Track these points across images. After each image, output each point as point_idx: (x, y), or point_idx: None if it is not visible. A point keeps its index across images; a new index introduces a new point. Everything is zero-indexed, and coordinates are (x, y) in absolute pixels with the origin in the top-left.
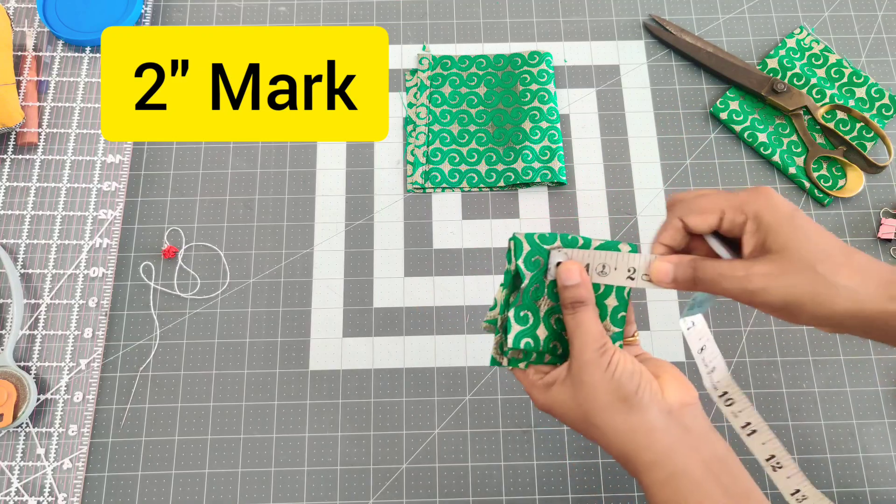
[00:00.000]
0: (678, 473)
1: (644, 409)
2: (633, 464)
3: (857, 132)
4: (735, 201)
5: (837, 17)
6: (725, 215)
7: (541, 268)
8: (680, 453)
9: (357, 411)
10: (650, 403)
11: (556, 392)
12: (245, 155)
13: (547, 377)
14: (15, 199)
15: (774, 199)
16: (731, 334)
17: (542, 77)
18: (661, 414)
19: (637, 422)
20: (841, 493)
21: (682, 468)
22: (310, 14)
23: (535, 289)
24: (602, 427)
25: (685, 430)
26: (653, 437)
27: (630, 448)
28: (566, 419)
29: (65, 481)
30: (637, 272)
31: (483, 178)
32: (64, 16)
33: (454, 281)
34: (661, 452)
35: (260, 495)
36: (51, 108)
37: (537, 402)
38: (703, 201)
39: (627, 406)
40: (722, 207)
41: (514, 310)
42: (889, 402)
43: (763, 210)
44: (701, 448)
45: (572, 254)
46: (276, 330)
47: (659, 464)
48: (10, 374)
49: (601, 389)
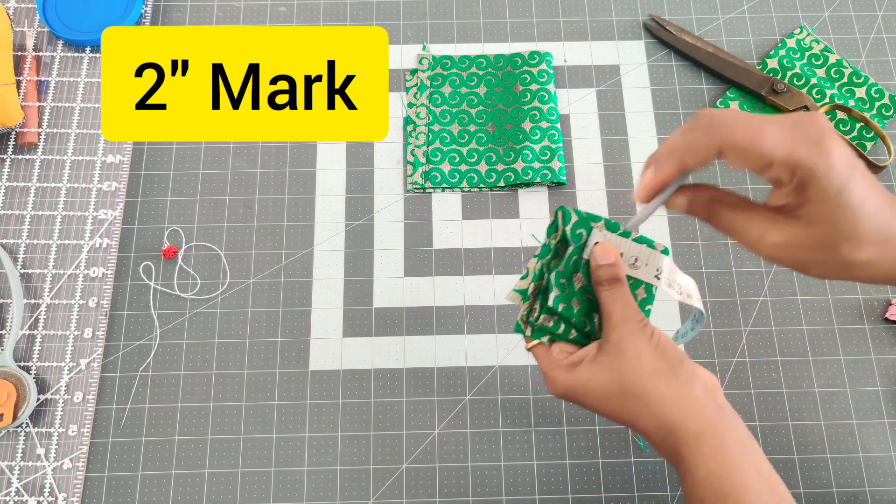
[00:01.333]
0: (722, 447)
1: (689, 380)
2: (676, 435)
3: (857, 132)
4: (794, 154)
5: (837, 17)
6: (773, 167)
7: (582, 242)
8: (720, 429)
9: (357, 411)
10: (693, 375)
11: (584, 370)
12: (245, 155)
13: (573, 356)
14: (15, 199)
15: (834, 161)
16: (731, 334)
17: (542, 77)
18: (702, 388)
19: (685, 391)
20: (841, 493)
21: (724, 443)
22: (310, 14)
23: (575, 260)
24: (646, 396)
25: (720, 408)
26: (699, 408)
27: (677, 417)
28: (592, 398)
29: (65, 481)
30: (661, 274)
31: (483, 178)
32: (64, 16)
33: (454, 281)
34: (707, 424)
35: (260, 495)
36: (51, 108)
37: (557, 384)
38: (760, 142)
39: (674, 374)
40: (774, 158)
41: (556, 274)
42: (889, 402)
43: (817, 175)
44: (735, 427)
45: (611, 237)
46: (276, 330)
47: (705, 436)
48: (10, 374)
49: (647, 357)
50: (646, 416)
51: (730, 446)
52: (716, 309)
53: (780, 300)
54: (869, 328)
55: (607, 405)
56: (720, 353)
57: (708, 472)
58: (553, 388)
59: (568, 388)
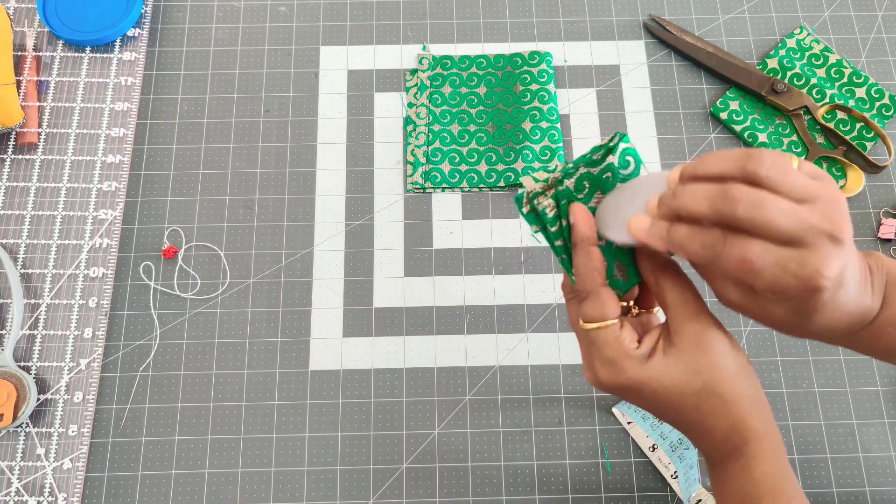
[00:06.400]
0: (779, 448)
1: (757, 380)
2: (743, 434)
3: (857, 132)
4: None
5: (837, 17)
6: None
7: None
8: (777, 430)
9: (357, 411)
10: (756, 376)
11: (659, 363)
12: (245, 155)
13: (643, 346)
14: (15, 199)
15: None
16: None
17: (542, 77)
18: (761, 388)
19: (757, 390)
20: (841, 493)
21: (780, 444)
22: (310, 14)
23: (607, 177)
24: (726, 395)
25: None
26: (765, 408)
27: (748, 416)
28: (662, 394)
29: (65, 481)
30: None
31: (483, 178)
32: (64, 16)
33: (454, 281)
34: (769, 424)
35: (260, 495)
36: (51, 108)
37: (624, 375)
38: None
39: (747, 373)
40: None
41: (582, 174)
42: (889, 402)
43: None
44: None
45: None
46: (276, 330)
47: (769, 435)
48: (10, 374)
49: (729, 356)
50: (719, 416)
51: (782, 448)
52: (716, 309)
53: None
54: None
55: (679, 403)
56: None
57: (764, 471)
58: (613, 380)
59: (636, 383)
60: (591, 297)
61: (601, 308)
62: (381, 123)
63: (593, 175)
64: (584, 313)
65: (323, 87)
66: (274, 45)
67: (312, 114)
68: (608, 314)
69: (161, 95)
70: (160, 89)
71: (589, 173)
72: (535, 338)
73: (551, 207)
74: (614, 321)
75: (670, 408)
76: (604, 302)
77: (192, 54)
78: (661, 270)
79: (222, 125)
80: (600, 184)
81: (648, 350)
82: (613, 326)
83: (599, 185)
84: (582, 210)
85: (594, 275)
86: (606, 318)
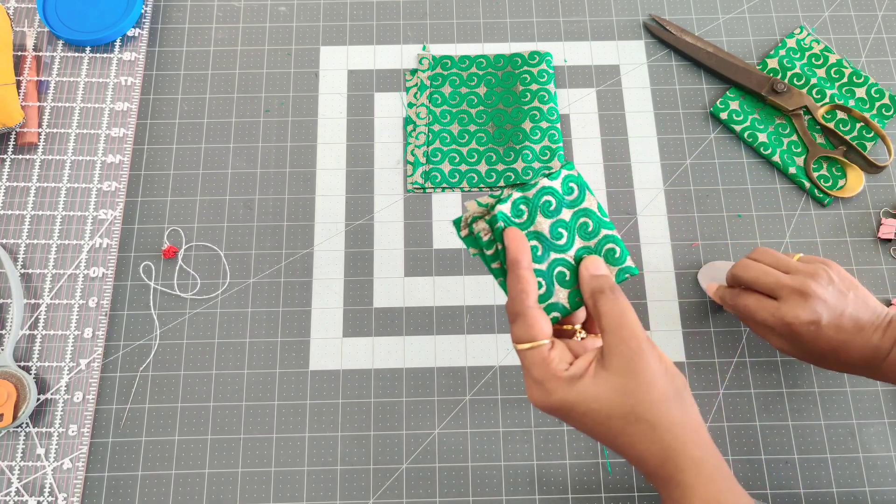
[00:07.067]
0: (718, 467)
1: (692, 405)
2: (676, 460)
3: (857, 132)
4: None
5: (837, 17)
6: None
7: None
8: (717, 453)
9: (357, 411)
10: (692, 400)
11: (588, 385)
12: (245, 155)
13: (573, 368)
14: (15, 199)
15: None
16: (731, 334)
17: (542, 77)
18: (698, 412)
19: (691, 416)
20: (841, 493)
21: (721, 467)
22: (310, 14)
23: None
24: (654, 420)
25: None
26: (702, 433)
27: (679, 443)
28: (591, 417)
29: (65, 481)
30: None
31: (483, 178)
32: (64, 16)
33: (454, 281)
34: (705, 448)
35: (260, 495)
36: (51, 108)
37: (552, 397)
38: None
39: (680, 400)
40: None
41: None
42: (889, 402)
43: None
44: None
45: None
46: (276, 330)
47: (705, 460)
48: (10, 374)
49: (660, 381)
50: (648, 442)
51: (723, 467)
52: (716, 309)
53: None
54: None
55: (607, 427)
56: (720, 353)
57: (704, 498)
58: (544, 401)
59: (564, 404)
60: (519, 318)
61: (529, 329)
62: (381, 123)
63: (528, 199)
64: (514, 333)
65: (323, 87)
66: (274, 45)
67: (312, 114)
68: (536, 335)
69: (161, 95)
70: (160, 89)
71: (524, 198)
72: None
73: (486, 231)
74: (544, 342)
75: (601, 431)
76: (531, 324)
77: (192, 54)
78: (600, 293)
79: (222, 125)
80: (541, 208)
81: (580, 372)
82: (542, 348)
83: (540, 209)
84: (515, 234)
85: (523, 297)
86: (535, 339)
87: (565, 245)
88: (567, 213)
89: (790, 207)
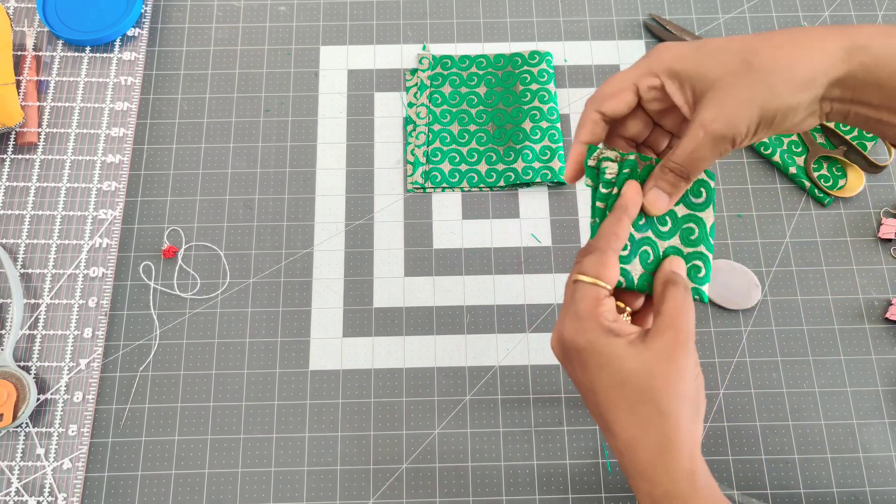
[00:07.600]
0: (711, 488)
1: (701, 423)
2: (667, 466)
3: (857, 132)
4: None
5: (837, 17)
6: (640, 86)
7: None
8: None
9: (357, 411)
10: (702, 423)
11: (622, 345)
12: (245, 155)
13: (616, 324)
14: (15, 199)
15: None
16: (730, 334)
17: (543, 77)
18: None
19: (698, 432)
20: (841, 493)
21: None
22: (310, 14)
23: None
24: (667, 410)
25: None
26: (696, 441)
27: (679, 445)
28: (605, 378)
29: (65, 481)
30: None
31: (483, 178)
32: (64, 16)
33: (454, 281)
34: (702, 466)
35: (260, 495)
36: (51, 108)
37: (584, 337)
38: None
39: (696, 412)
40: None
41: None
42: (889, 402)
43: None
44: None
45: None
46: (276, 330)
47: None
48: (9, 374)
49: (688, 380)
50: (649, 427)
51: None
52: (716, 309)
53: (781, 300)
54: (869, 328)
55: (616, 392)
56: (720, 353)
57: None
58: (574, 337)
59: (592, 347)
60: (597, 253)
61: (601, 268)
62: (381, 123)
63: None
64: (584, 265)
65: (323, 87)
66: (274, 44)
67: (312, 114)
68: (604, 275)
69: (161, 95)
70: (160, 89)
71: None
72: (536, 338)
73: (612, 173)
74: (605, 286)
75: (605, 395)
76: (606, 262)
77: (192, 54)
78: (673, 284)
79: (222, 125)
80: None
81: (620, 330)
82: (601, 289)
83: None
84: (636, 188)
85: (612, 238)
86: (600, 279)
87: (665, 233)
88: (683, 209)
89: (790, 207)
